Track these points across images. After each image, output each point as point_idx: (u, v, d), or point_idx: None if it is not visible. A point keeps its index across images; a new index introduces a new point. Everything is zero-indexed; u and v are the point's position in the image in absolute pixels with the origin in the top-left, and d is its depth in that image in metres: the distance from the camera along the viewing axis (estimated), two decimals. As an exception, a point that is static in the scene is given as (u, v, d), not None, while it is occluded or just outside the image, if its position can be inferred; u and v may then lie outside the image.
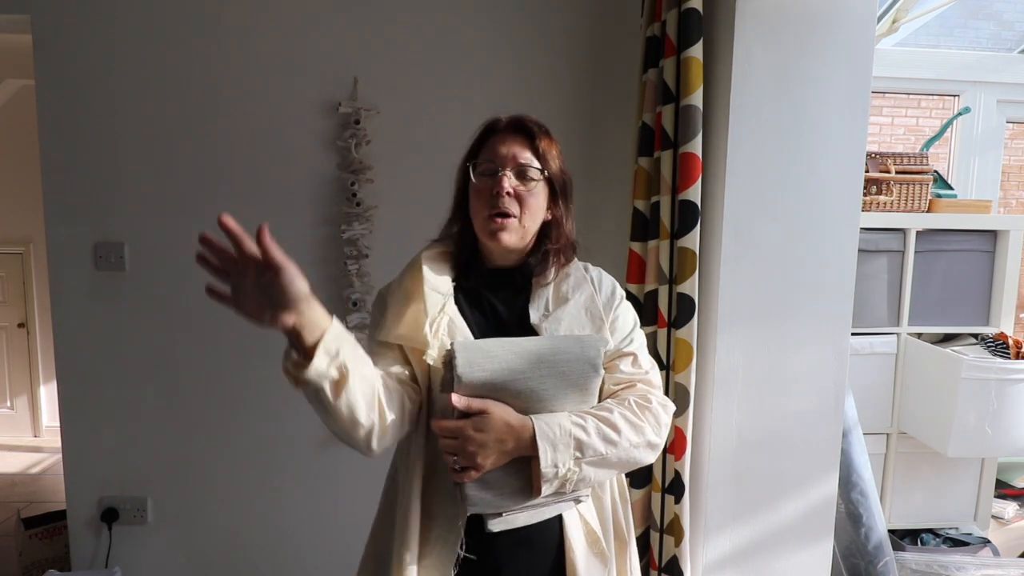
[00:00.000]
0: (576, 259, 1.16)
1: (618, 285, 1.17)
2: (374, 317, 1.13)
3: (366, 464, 2.05)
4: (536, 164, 1.06)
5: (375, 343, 1.09)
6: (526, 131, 1.08)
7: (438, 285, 1.05)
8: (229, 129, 1.98)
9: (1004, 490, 2.98)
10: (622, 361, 1.11)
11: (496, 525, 1.00)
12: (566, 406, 1.00)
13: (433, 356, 1.01)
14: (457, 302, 1.09)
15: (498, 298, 1.10)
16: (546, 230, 1.11)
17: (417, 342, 1.02)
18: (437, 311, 1.02)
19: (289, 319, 0.86)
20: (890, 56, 3.44)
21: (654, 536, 1.68)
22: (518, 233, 1.06)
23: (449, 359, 0.96)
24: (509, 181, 1.04)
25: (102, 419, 2.05)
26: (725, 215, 1.54)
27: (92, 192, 1.97)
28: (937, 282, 2.35)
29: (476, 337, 1.04)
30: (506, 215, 1.04)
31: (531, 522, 1.03)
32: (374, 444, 0.97)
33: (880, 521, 1.93)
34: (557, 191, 1.09)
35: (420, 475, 1.04)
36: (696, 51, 1.52)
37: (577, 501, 1.05)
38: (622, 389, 1.10)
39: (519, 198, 1.05)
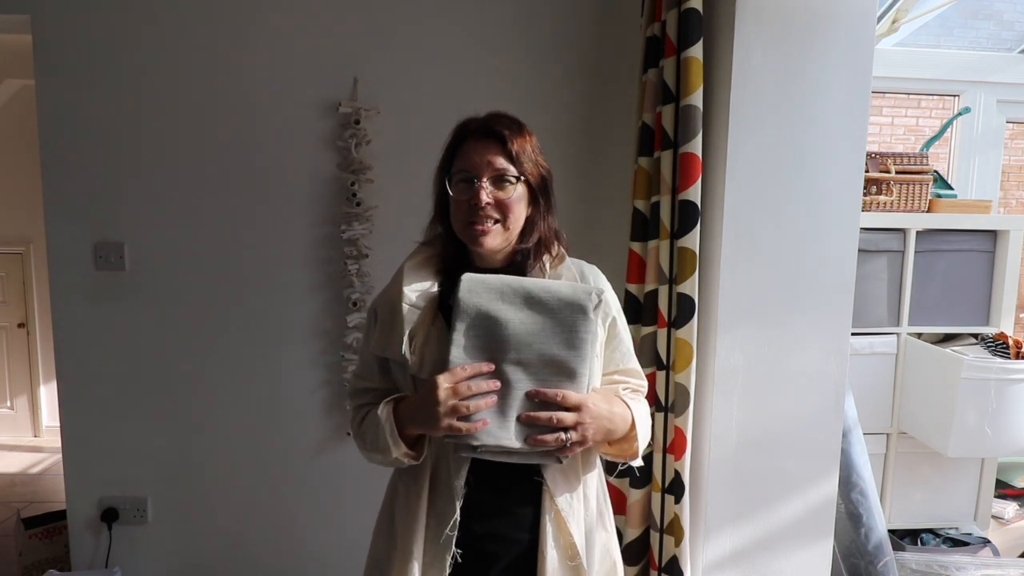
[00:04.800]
0: (568, 257, 1.15)
1: (611, 291, 1.16)
2: (367, 327, 1.16)
3: (365, 464, 2.05)
4: (512, 170, 1.05)
5: (367, 351, 1.15)
6: (497, 135, 1.06)
7: (417, 300, 1.07)
8: (229, 129, 1.98)
9: (1004, 490, 2.97)
10: (629, 376, 1.17)
11: (464, 453, 1.02)
12: (553, 347, 1.01)
13: (414, 371, 1.05)
14: (444, 309, 1.09)
15: None
16: (527, 227, 1.10)
17: (400, 357, 1.05)
18: (414, 327, 1.05)
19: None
20: (890, 56, 3.44)
21: (654, 536, 1.68)
22: (501, 236, 1.07)
23: (455, 288, 1.02)
24: (487, 192, 1.04)
25: (102, 419, 2.05)
26: (725, 215, 1.54)
27: (92, 192, 1.97)
28: (937, 282, 2.35)
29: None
30: (487, 221, 1.04)
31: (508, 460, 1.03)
32: None
33: (880, 521, 1.93)
34: (536, 190, 1.09)
35: (428, 476, 1.07)
36: (696, 51, 1.52)
37: (559, 461, 1.04)
38: (631, 393, 1.18)
39: (499, 204, 1.05)
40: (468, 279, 1.01)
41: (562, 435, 0.98)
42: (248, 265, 2.03)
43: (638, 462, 1.14)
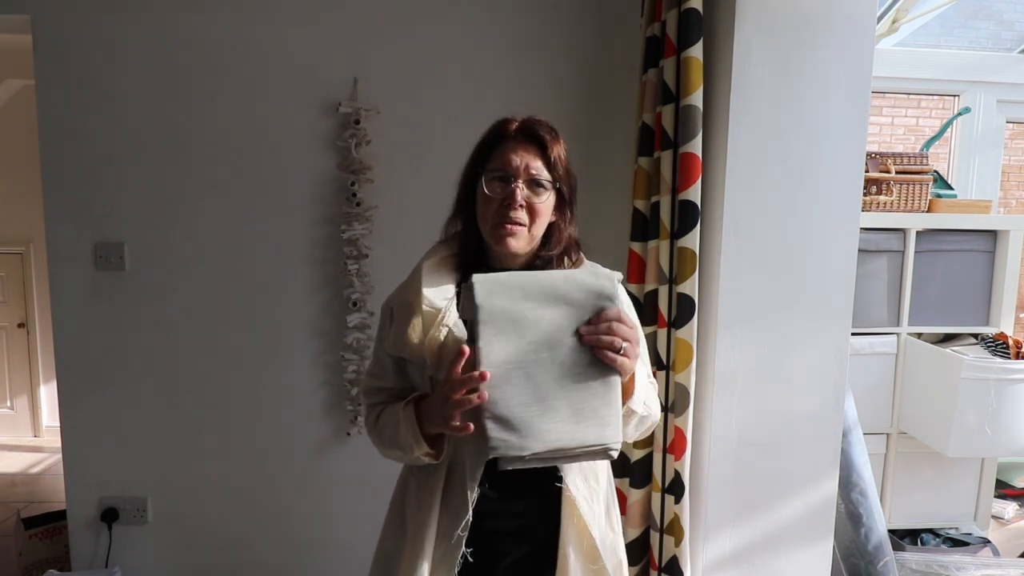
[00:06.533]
0: (587, 260, 1.15)
1: (626, 295, 1.16)
2: (381, 326, 1.15)
3: (365, 464, 2.06)
4: (548, 176, 1.06)
5: (382, 351, 1.14)
6: (538, 139, 1.07)
7: (434, 300, 1.06)
8: (229, 129, 1.98)
9: (1004, 490, 2.97)
10: None
11: (511, 465, 0.96)
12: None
13: (432, 372, 1.04)
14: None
15: None
16: (548, 232, 1.10)
17: (417, 357, 1.04)
18: (432, 327, 1.04)
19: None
20: (890, 56, 3.44)
21: (654, 536, 1.68)
22: (526, 239, 1.07)
23: (469, 293, 0.95)
24: (522, 193, 1.04)
25: (102, 419, 2.05)
26: (725, 215, 1.54)
27: (92, 192, 1.97)
28: (937, 282, 2.35)
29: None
30: (517, 223, 1.04)
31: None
32: None
33: (880, 521, 1.93)
34: (565, 198, 1.10)
35: (443, 475, 1.07)
36: (696, 51, 1.52)
37: (606, 454, 1.00)
38: None
39: (529, 208, 1.05)
40: (480, 281, 0.95)
41: (618, 340, 0.95)
42: (248, 265, 2.03)
43: (638, 404, 1.07)
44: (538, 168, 1.06)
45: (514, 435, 0.95)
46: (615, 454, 1.00)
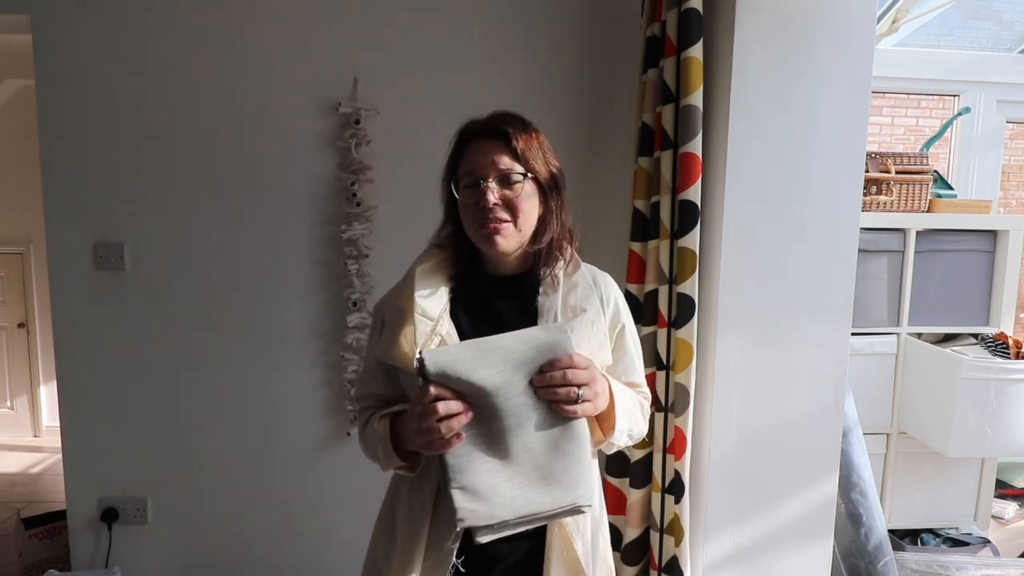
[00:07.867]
0: (582, 265, 1.13)
1: (622, 300, 1.16)
2: (372, 330, 1.13)
3: (365, 464, 2.05)
4: (518, 168, 1.02)
5: (372, 356, 1.12)
6: (501, 133, 1.04)
7: (428, 309, 1.03)
8: (229, 129, 1.98)
9: (1004, 490, 2.97)
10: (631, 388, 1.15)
11: (484, 536, 0.95)
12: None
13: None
14: (455, 315, 1.06)
15: (504, 306, 1.08)
16: (539, 227, 1.07)
17: (409, 366, 1.01)
18: (425, 336, 1.01)
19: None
20: (890, 56, 3.44)
21: (654, 536, 1.68)
22: (515, 237, 1.04)
23: (420, 370, 0.93)
24: (494, 193, 1.01)
25: (102, 419, 2.05)
26: (725, 215, 1.54)
27: (92, 192, 1.97)
28: (937, 282, 2.35)
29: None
30: (499, 221, 1.02)
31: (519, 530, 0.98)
32: None
33: (880, 521, 1.93)
34: (546, 188, 1.06)
35: (435, 483, 1.05)
36: (696, 51, 1.52)
37: (578, 511, 0.99)
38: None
39: (508, 204, 1.02)
40: (430, 356, 0.92)
41: (575, 390, 0.94)
42: (248, 265, 2.03)
43: (621, 438, 1.08)
44: (506, 162, 1.02)
45: (481, 504, 0.93)
46: (588, 510, 0.99)
